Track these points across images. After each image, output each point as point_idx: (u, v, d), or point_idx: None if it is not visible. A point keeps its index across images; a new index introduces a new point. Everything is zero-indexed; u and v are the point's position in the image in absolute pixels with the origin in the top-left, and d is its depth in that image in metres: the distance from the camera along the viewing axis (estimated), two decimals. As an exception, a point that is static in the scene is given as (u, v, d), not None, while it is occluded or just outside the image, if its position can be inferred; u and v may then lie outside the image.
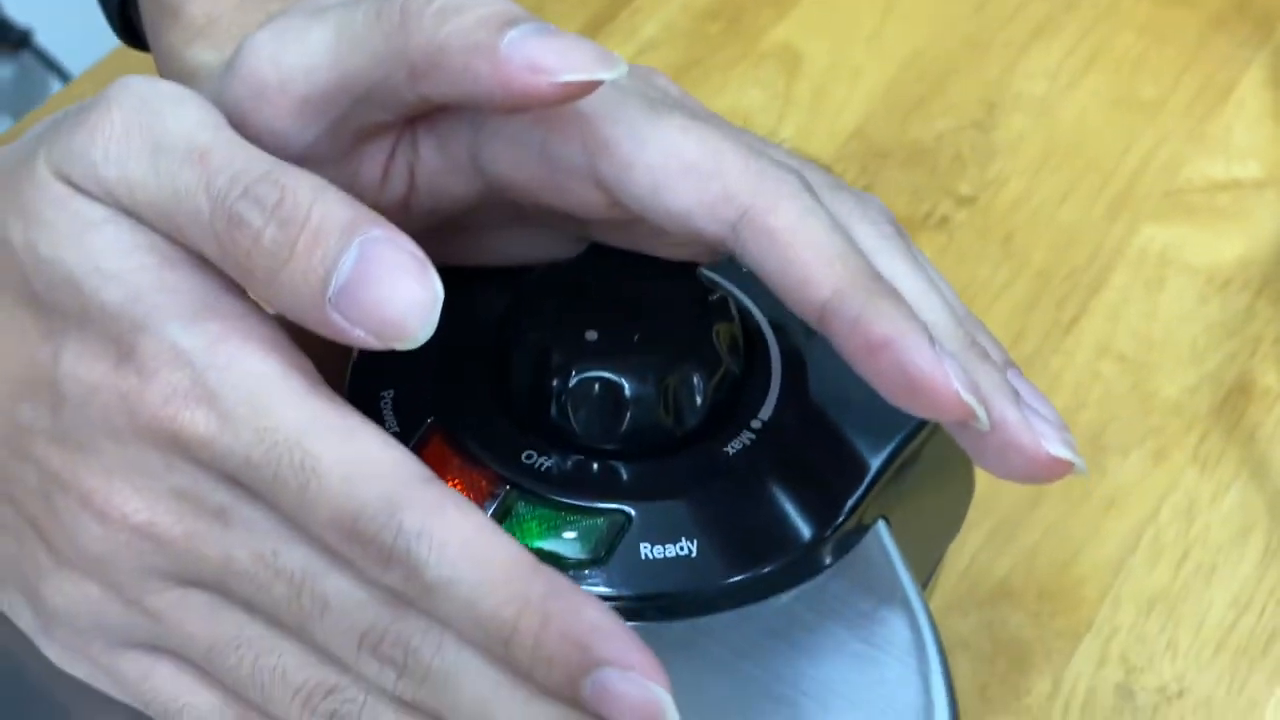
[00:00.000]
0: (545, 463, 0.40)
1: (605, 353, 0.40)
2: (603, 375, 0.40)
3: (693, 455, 0.41)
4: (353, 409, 0.36)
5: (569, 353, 0.40)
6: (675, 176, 0.37)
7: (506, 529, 0.40)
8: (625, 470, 0.40)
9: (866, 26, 0.71)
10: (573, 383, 0.40)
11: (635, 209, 0.38)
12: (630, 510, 0.40)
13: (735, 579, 0.40)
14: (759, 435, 0.41)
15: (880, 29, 0.71)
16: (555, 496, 0.40)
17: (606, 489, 0.40)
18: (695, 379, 0.40)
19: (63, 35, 1.41)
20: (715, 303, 0.42)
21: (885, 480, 0.41)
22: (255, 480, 0.35)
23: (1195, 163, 0.67)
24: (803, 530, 0.40)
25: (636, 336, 0.41)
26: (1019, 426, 0.36)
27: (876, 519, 0.41)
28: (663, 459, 0.41)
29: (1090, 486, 0.57)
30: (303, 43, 0.37)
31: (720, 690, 0.39)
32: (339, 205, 0.34)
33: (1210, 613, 0.54)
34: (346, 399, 0.37)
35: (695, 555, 0.40)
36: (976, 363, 0.37)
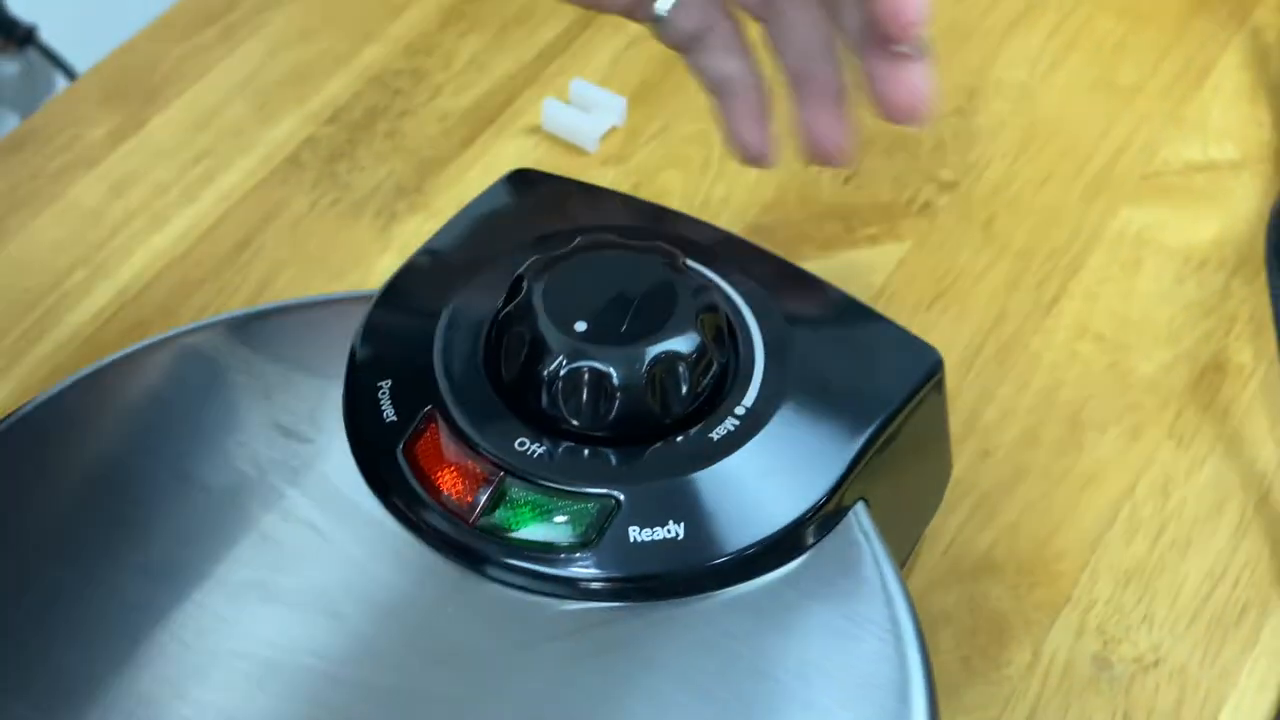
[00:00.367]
0: (538, 449, 0.42)
1: (594, 343, 0.42)
2: (592, 365, 0.41)
3: (679, 441, 0.42)
4: None
5: (559, 343, 0.42)
6: None
7: (500, 514, 0.41)
8: (614, 456, 0.42)
9: (851, 15, 0.72)
10: (563, 372, 0.41)
11: None
12: (619, 495, 0.41)
13: (720, 560, 0.41)
14: (742, 421, 0.42)
15: (865, 18, 0.72)
16: (547, 482, 0.41)
17: (597, 474, 0.41)
18: (681, 368, 0.42)
19: (67, 32, 1.41)
20: (700, 294, 0.43)
21: (863, 464, 0.42)
22: None
23: (1173, 145, 0.68)
24: (785, 513, 0.41)
25: (624, 327, 0.42)
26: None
27: (856, 501, 0.43)
28: (650, 445, 0.42)
29: (1069, 464, 0.58)
30: None
31: (708, 668, 0.40)
32: None
33: (1186, 585, 0.56)
34: (345, 389, 0.39)
35: (683, 538, 0.41)
36: None
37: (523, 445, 0.41)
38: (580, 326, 0.42)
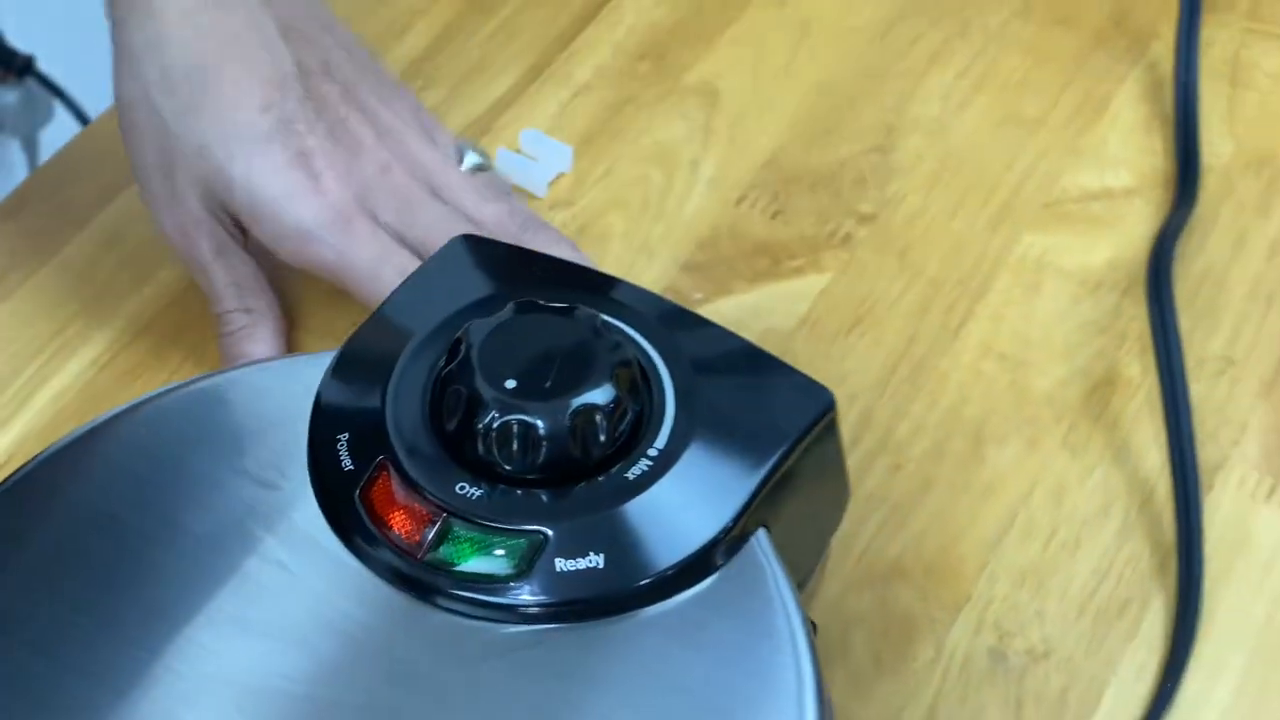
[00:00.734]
0: (476, 492, 0.47)
1: (522, 398, 0.47)
2: (520, 418, 0.47)
3: (599, 481, 0.47)
4: None
5: (492, 399, 0.47)
6: None
7: (445, 550, 0.46)
8: (543, 496, 0.47)
9: (778, 60, 0.77)
10: (496, 424, 0.47)
11: None
12: (548, 530, 0.46)
13: (637, 585, 0.46)
14: (655, 461, 0.48)
15: (791, 62, 0.77)
16: (485, 521, 0.47)
17: (527, 513, 0.47)
18: (598, 417, 0.47)
19: (63, 61, 1.46)
20: (616, 350, 0.48)
21: (762, 495, 0.48)
22: None
23: (1072, 174, 0.73)
24: (693, 541, 0.47)
25: (549, 383, 0.47)
26: None
27: (757, 528, 0.48)
28: (574, 485, 0.47)
29: (972, 475, 0.64)
30: None
31: (628, 681, 0.46)
32: None
33: (1074, 582, 0.61)
34: (309, 441, 0.45)
35: (603, 566, 0.46)
36: None
37: (463, 489, 0.47)
38: (510, 383, 0.47)
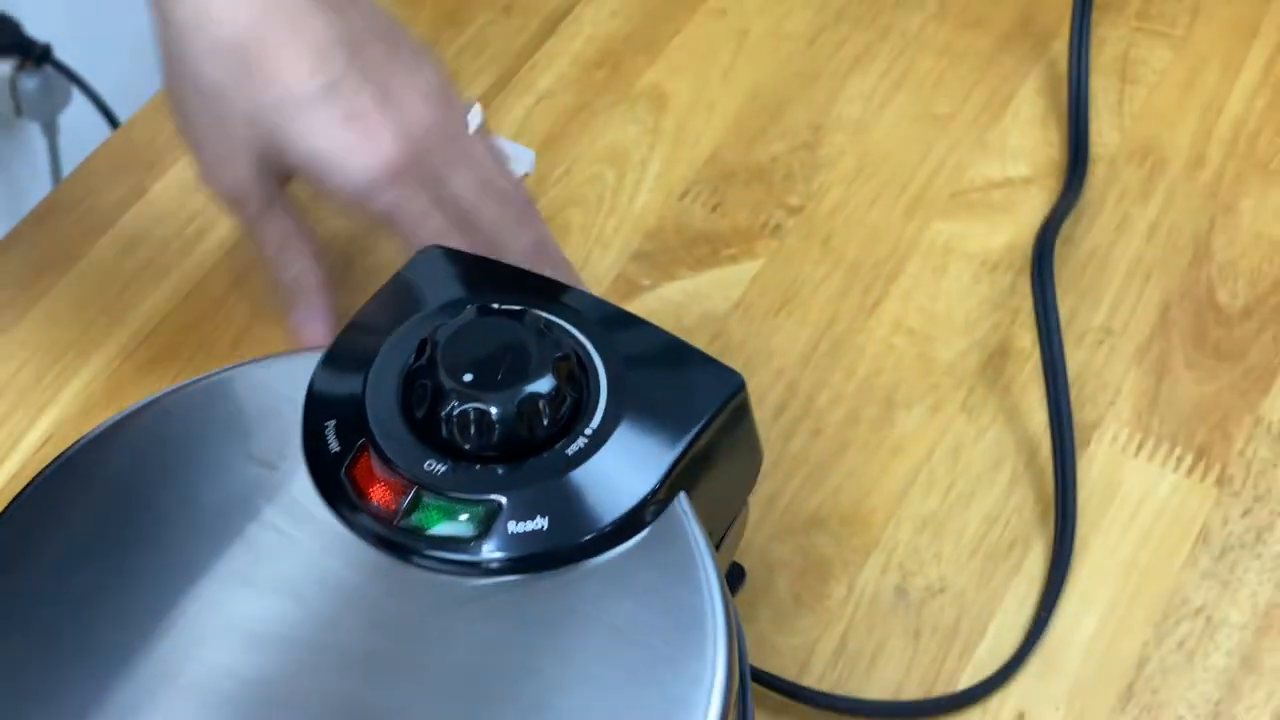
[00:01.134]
0: (441, 468, 0.55)
1: (479, 389, 0.55)
2: (477, 406, 0.55)
3: (544, 456, 0.55)
4: None
5: (453, 390, 0.55)
6: None
7: (416, 516, 0.55)
8: (497, 470, 0.55)
9: (720, 66, 0.85)
10: (456, 411, 0.55)
11: None
12: (501, 499, 0.54)
13: (576, 542, 0.55)
14: (590, 439, 0.56)
15: (731, 67, 0.85)
16: (449, 492, 0.55)
17: (484, 484, 0.55)
18: (542, 404, 0.55)
19: (79, 49, 1.54)
20: (557, 347, 0.56)
21: (681, 465, 0.56)
22: None
23: (977, 166, 0.81)
24: (622, 505, 0.55)
25: (500, 376, 0.55)
26: None
27: (678, 492, 0.56)
28: (523, 460, 0.55)
29: (882, 437, 0.72)
30: None
31: (568, 621, 0.54)
32: None
33: (968, 528, 0.69)
34: (303, 427, 0.53)
35: (548, 527, 0.54)
36: None
37: (430, 465, 0.55)
38: (468, 376, 0.55)
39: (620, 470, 0.55)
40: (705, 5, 0.87)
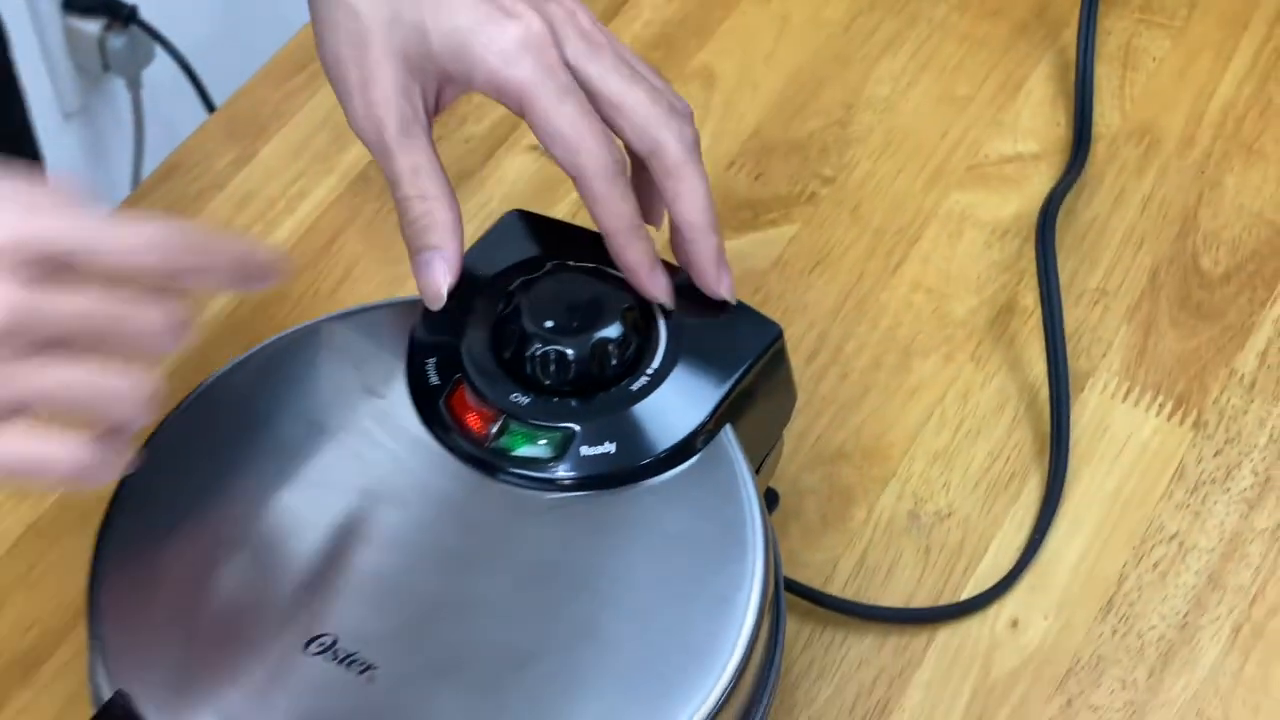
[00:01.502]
0: (525, 400, 0.64)
1: (558, 334, 0.64)
2: (556, 348, 0.64)
3: (612, 392, 0.65)
4: None
5: (536, 335, 0.64)
6: None
7: (503, 440, 0.64)
8: (572, 402, 0.64)
9: (764, 48, 0.94)
10: (539, 353, 0.64)
11: None
12: (575, 427, 0.64)
13: (638, 464, 0.64)
14: (651, 377, 0.65)
15: (774, 50, 0.94)
16: (531, 420, 0.64)
17: (561, 414, 0.64)
18: (611, 347, 0.64)
19: (163, 10, 1.62)
20: (623, 297, 0.65)
21: (727, 402, 0.65)
22: None
23: (992, 143, 0.90)
24: (678, 433, 0.64)
25: (576, 323, 0.65)
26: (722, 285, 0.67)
27: (724, 425, 0.65)
28: (594, 395, 0.64)
29: (901, 381, 0.81)
30: None
31: (632, 532, 0.63)
32: None
33: (974, 462, 0.78)
34: (407, 363, 0.62)
35: (614, 452, 0.64)
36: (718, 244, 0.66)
37: (515, 398, 0.64)
38: (549, 323, 0.64)
39: (676, 404, 0.65)
40: (751, -8, 0.96)
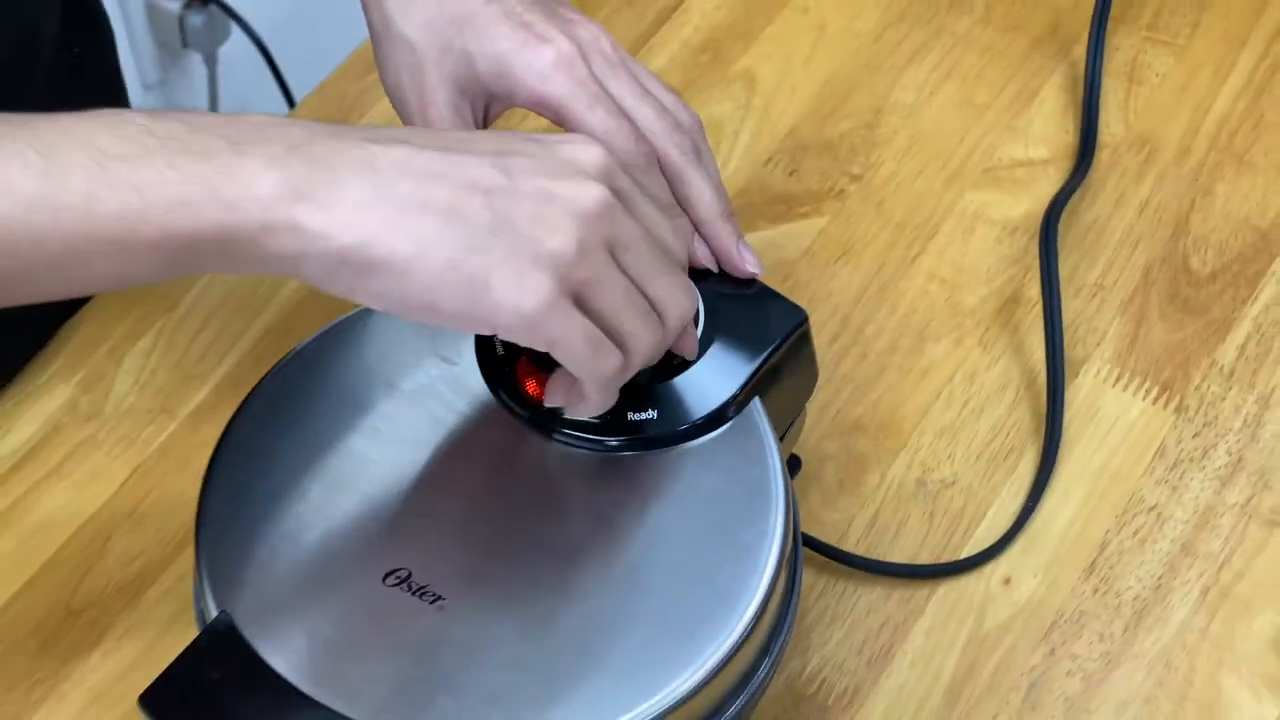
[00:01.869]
0: (579, 371, 0.72)
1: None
2: (608, 325, 0.72)
3: (654, 366, 0.73)
4: None
5: (590, 313, 0.72)
6: None
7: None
8: (620, 374, 0.72)
9: (801, 55, 1.01)
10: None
11: None
12: (622, 395, 0.72)
13: (677, 430, 0.72)
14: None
15: (810, 56, 1.01)
16: (584, 389, 0.72)
17: (611, 384, 0.72)
18: (656, 326, 0.72)
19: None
20: (668, 283, 0.73)
21: (757, 377, 0.72)
22: None
23: (1006, 147, 0.97)
24: (712, 404, 0.72)
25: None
26: (746, 261, 0.74)
27: (753, 397, 0.73)
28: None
29: (914, 362, 0.88)
30: None
31: (670, 489, 0.71)
32: None
33: (977, 437, 0.86)
34: (475, 338, 0.70)
35: (656, 418, 0.72)
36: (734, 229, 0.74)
37: (571, 368, 0.72)
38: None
39: (711, 378, 0.72)
40: (791, 2, 1.03)
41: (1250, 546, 0.81)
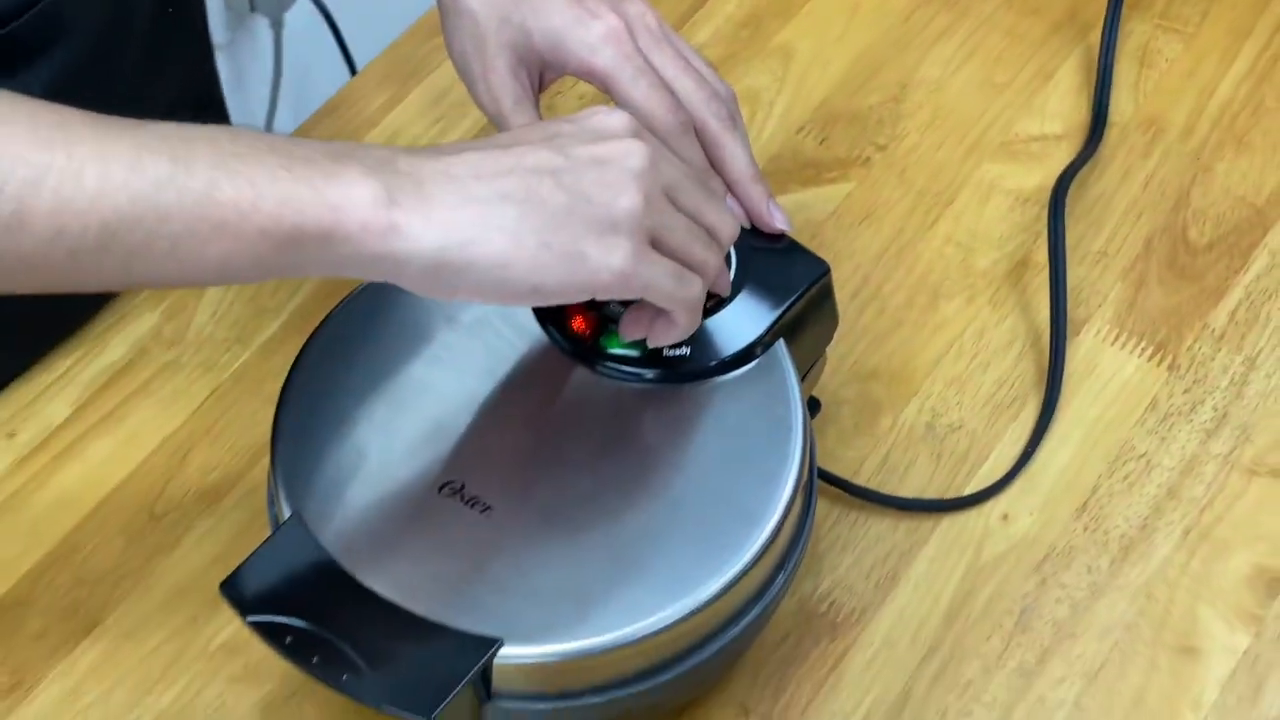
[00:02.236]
0: (621, 309, 0.78)
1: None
2: (648, 269, 0.78)
3: (690, 307, 0.79)
4: None
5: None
6: None
7: (602, 340, 0.78)
8: (658, 314, 0.79)
9: (836, 31, 1.07)
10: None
11: None
12: (660, 333, 0.78)
13: (708, 365, 0.78)
14: (722, 298, 0.79)
15: (844, 33, 1.07)
16: (625, 326, 0.79)
17: (649, 323, 0.79)
18: (691, 272, 0.79)
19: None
20: (704, 234, 0.80)
21: (782, 321, 0.79)
22: None
23: (1022, 123, 1.03)
24: (740, 343, 0.78)
25: (665, 251, 0.79)
26: (775, 219, 0.80)
27: (778, 339, 0.79)
28: (676, 309, 0.79)
29: (928, 318, 0.94)
30: None
31: (700, 418, 0.77)
32: None
33: (983, 387, 0.92)
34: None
35: (689, 354, 0.78)
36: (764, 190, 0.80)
37: (614, 307, 0.78)
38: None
39: (740, 320, 0.79)
40: (828, -18, 1.10)
41: (1230, 493, 0.87)
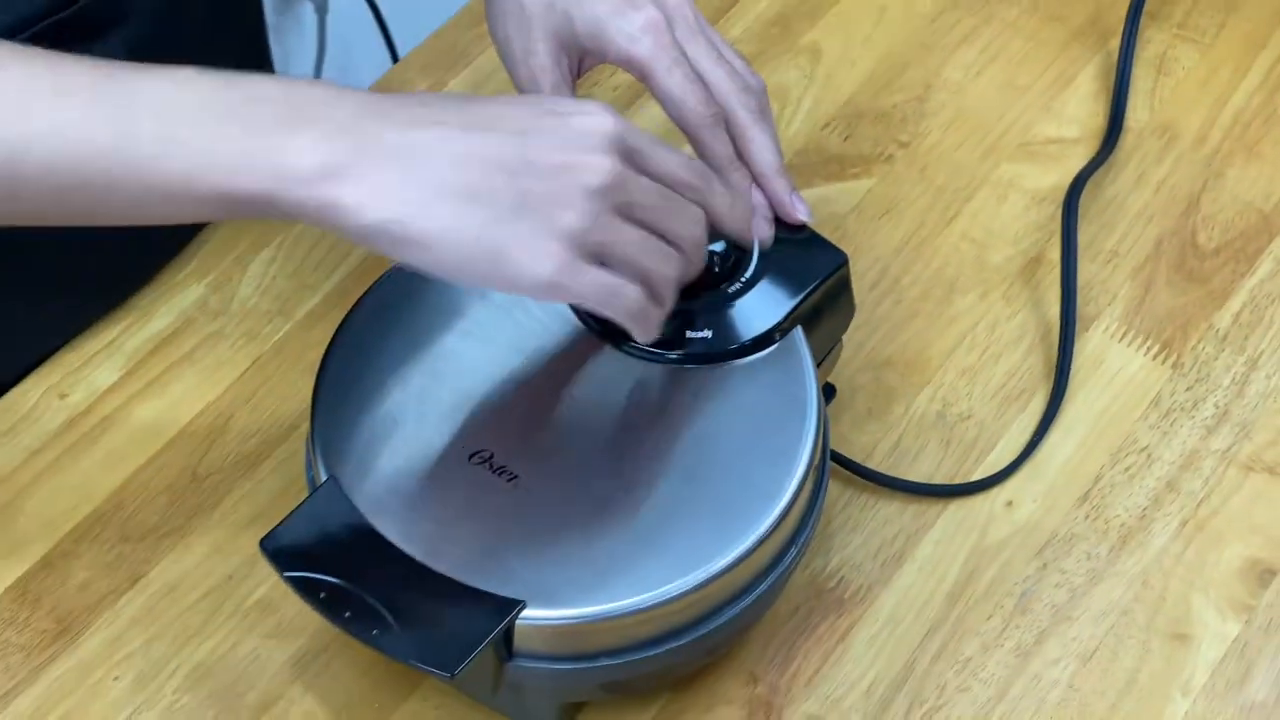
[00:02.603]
0: (647, 293, 0.81)
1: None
2: (674, 255, 0.81)
3: (713, 291, 0.81)
4: None
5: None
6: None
7: (628, 322, 0.81)
8: (683, 298, 0.81)
9: (863, 32, 1.09)
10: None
11: None
12: (684, 314, 0.81)
13: (728, 348, 0.81)
14: (743, 284, 0.81)
15: (871, 34, 1.10)
16: (651, 308, 0.81)
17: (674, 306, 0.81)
18: (714, 258, 0.81)
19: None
20: (729, 222, 0.82)
21: (801, 308, 0.81)
22: None
23: (1041, 126, 1.05)
24: (760, 328, 0.81)
25: (691, 238, 0.82)
26: (797, 210, 0.82)
27: (796, 326, 0.82)
28: (699, 294, 0.81)
29: (943, 310, 0.97)
30: None
31: (720, 398, 0.80)
32: None
33: (994, 378, 0.94)
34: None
35: (711, 337, 0.81)
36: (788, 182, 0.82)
37: (640, 290, 0.81)
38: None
39: (760, 306, 0.81)
40: (858, -15, 1.12)
41: (1227, 487, 0.90)
